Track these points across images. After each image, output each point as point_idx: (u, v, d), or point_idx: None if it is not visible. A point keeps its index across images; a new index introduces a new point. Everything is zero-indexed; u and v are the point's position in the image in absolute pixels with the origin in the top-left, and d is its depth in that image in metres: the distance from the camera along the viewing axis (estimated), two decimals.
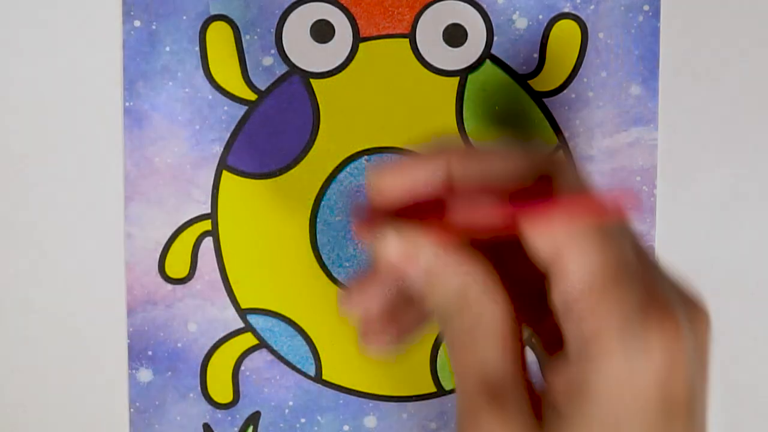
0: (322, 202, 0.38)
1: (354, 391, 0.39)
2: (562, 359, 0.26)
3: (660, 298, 0.26)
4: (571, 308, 0.26)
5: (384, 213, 0.26)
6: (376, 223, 0.26)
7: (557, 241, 0.25)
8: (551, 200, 0.25)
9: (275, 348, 0.39)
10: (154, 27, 0.37)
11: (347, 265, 0.38)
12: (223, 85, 0.38)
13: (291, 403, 0.39)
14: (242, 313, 0.38)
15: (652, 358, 0.26)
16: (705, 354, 0.28)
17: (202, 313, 0.38)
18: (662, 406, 0.27)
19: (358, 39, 0.37)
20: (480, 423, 0.27)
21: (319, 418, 0.39)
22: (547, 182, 0.26)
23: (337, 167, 0.38)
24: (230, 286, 0.38)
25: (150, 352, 0.38)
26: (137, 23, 0.37)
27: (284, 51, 0.37)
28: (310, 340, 0.39)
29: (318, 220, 0.38)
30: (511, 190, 0.25)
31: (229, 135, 0.38)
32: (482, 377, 0.27)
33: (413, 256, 0.26)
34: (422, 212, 0.26)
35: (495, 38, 0.37)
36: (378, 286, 0.27)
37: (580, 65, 0.38)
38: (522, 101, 0.38)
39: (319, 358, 0.39)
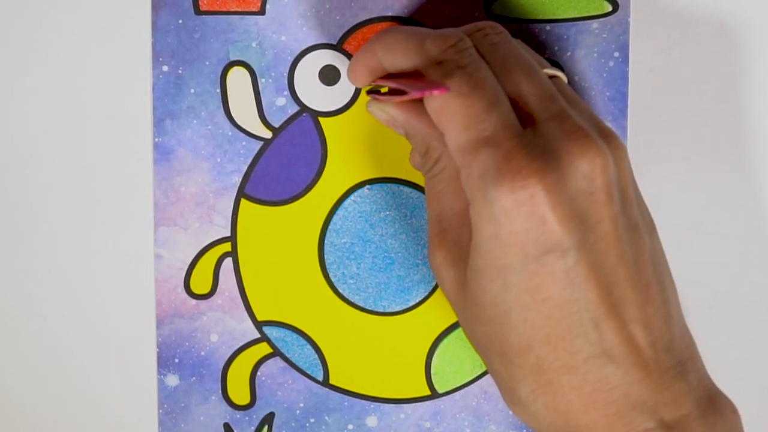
0: (329, 227, 0.39)
1: (358, 394, 0.40)
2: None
3: (515, 160, 0.28)
4: (456, 160, 0.30)
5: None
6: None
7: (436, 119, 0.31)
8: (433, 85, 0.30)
9: (288, 356, 0.40)
10: (180, 71, 0.38)
11: (351, 282, 0.39)
12: (241, 123, 0.38)
13: (302, 405, 0.40)
14: (258, 325, 0.39)
15: (509, 218, 0.28)
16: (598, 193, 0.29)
17: (223, 325, 0.39)
18: (537, 251, 0.28)
19: None
20: (433, 256, 0.32)
21: (326, 418, 0.40)
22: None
23: (342, 195, 0.39)
24: (248, 301, 0.39)
25: (177, 360, 0.39)
26: (165, 68, 0.38)
27: (296, 92, 0.38)
28: (319, 348, 0.40)
29: (326, 242, 0.39)
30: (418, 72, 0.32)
31: (246, 167, 0.39)
32: (438, 217, 0.32)
33: (392, 121, 0.34)
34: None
35: None
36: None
37: None
38: None
39: (326, 365, 0.40)
